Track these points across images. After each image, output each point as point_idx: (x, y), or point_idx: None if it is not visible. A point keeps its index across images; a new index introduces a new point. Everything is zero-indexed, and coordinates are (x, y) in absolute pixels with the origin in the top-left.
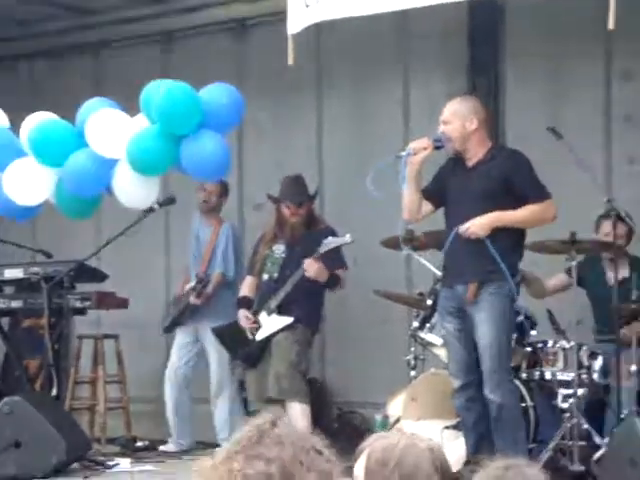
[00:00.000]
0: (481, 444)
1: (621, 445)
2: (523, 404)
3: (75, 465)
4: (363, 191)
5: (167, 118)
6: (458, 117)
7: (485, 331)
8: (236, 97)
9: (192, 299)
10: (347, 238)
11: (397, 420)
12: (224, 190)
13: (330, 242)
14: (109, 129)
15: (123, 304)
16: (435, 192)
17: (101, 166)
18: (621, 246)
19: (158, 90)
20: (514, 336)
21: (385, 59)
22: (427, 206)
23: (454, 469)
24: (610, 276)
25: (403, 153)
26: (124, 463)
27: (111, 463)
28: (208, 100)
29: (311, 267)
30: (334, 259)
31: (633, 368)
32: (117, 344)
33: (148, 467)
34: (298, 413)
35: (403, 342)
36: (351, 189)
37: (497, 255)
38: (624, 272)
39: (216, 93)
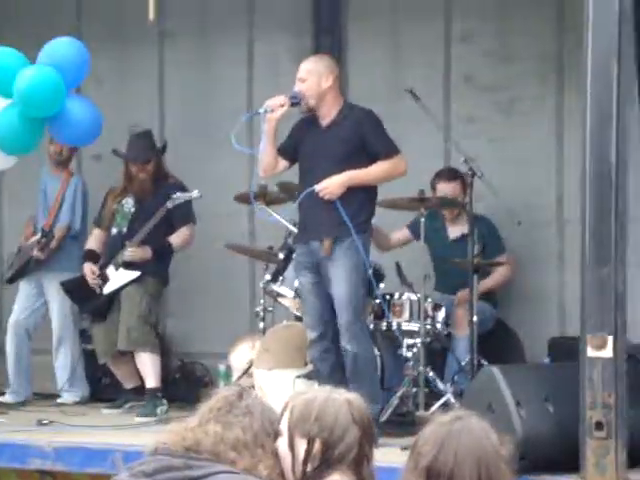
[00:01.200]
0: None
1: (480, 392)
2: None
3: None
4: (205, 146)
5: (31, 105)
6: (314, 74)
7: (340, 285)
8: (82, 50)
9: (36, 252)
10: (195, 193)
11: (247, 369)
12: None
13: (178, 197)
14: None
15: None
16: (290, 150)
17: None
18: (464, 204)
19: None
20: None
21: (231, 13)
22: (282, 163)
23: None
24: (450, 233)
25: (261, 110)
26: None
27: None
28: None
29: (133, 256)
30: (180, 215)
31: (474, 318)
32: None
33: None
34: (148, 364)
35: (245, 295)
36: (193, 144)
37: (346, 216)
38: (463, 229)
39: (62, 49)
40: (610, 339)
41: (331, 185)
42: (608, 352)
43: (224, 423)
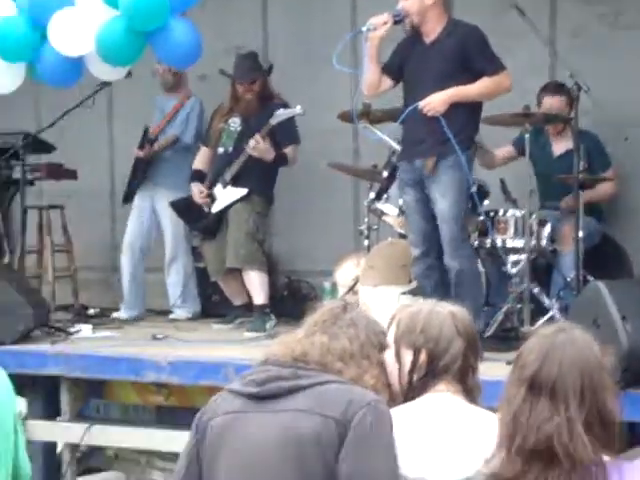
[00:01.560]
0: None
1: (585, 307)
2: None
3: (37, 332)
4: (309, 66)
5: (137, 16)
6: None
7: (444, 202)
8: None
9: (135, 150)
10: (298, 109)
11: (353, 286)
12: None
13: (281, 114)
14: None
15: (72, 175)
16: (394, 68)
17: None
18: (569, 118)
19: None
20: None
21: None
22: (386, 81)
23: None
24: (555, 149)
25: (364, 28)
26: (86, 330)
27: (73, 330)
28: None
29: (257, 147)
30: (285, 134)
31: (580, 234)
32: (62, 215)
33: (108, 333)
34: (256, 281)
35: (349, 213)
36: (297, 65)
37: (450, 132)
38: (568, 144)
39: None
40: None
41: (434, 101)
42: None
43: (330, 334)
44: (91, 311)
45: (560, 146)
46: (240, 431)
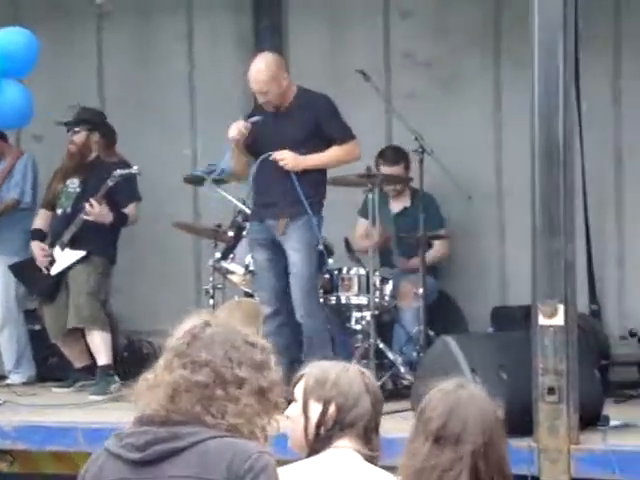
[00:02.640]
0: (292, 367)
1: (435, 361)
2: None
3: None
4: (147, 122)
5: None
6: (273, 84)
7: (296, 260)
8: (32, 40)
9: None
10: (134, 169)
11: None
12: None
13: (118, 174)
14: None
15: None
16: (254, 146)
17: None
18: (409, 179)
19: None
20: None
21: None
22: (249, 160)
23: None
24: (392, 207)
25: (232, 145)
26: None
27: None
28: (4, 46)
29: (92, 211)
30: (124, 192)
31: (420, 291)
32: None
33: None
34: (99, 341)
35: (190, 273)
36: (134, 123)
37: (302, 193)
38: (405, 203)
39: (11, 39)
40: (561, 307)
41: (289, 156)
42: (559, 320)
43: (182, 364)
44: None
45: (397, 204)
46: None
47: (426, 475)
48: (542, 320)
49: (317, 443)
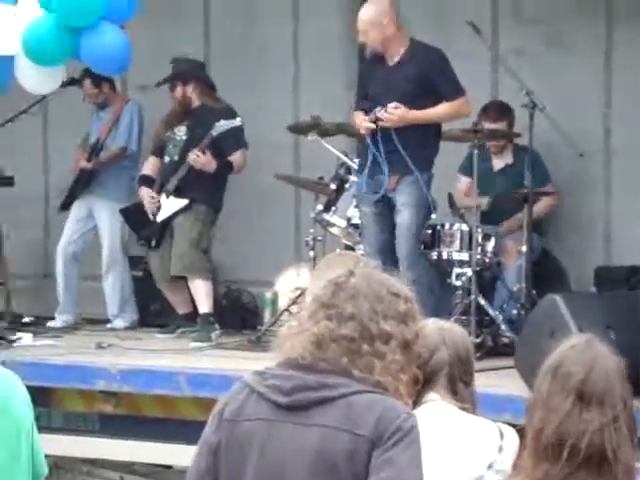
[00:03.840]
0: None
1: (542, 320)
2: None
3: None
4: (251, 74)
5: (68, 9)
6: (375, 27)
7: (405, 217)
8: None
9: (82, 162)
10: (237, 121)
11: (299, 296)
12: (105, 78)
13: (221, 125)
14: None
15: (9, 182)
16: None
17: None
18: (517, 134)
19: None
20: None
21: None
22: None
23: None
24: (494, 164)
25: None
26: (26, 338)
27: (14, 337)
28: None
29: (197, 160)
30: (230, 141)
31: (523, 249)
32: None
33: (50, 342)
34: (201, 289)
35: (290, 224)
36: (240, 73)
37: (412, 153)
38: (507, 160)
39: None
40: None
41: (397, 114)
42: None
43: (334, 315)
44: (25, 319)
45: (499, 162)
46: (271, 443)
47: (572, 431)
48: None
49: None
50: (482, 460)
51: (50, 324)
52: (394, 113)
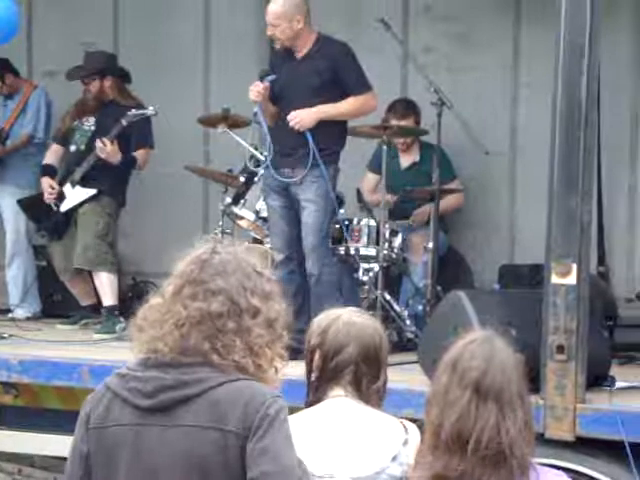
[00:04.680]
0: (299, 313)
1: (446, 315)
2: None
3: None
4: (161, 64)
5: None
6: (285, 19)
7: (310, 211)
8: None
9: None
10: (150, 110)
11: None
12: (6, 68)
13: (132, 114)
14: None
15: None
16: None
17: None
18: (425, 132)
19: None
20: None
21: None
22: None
23: None
24: (402, 161)
25: (255, 109)
26: None
27: None
28: None
29: (103, 149)
30: (139, 137)
31: (429, 245)
32: None
33: None
34: (106, 282)
35: (198, 216)
36: (149, 63)
37: (317, 146)
38: (414, 157)
39: None
40: (574, 267)
41: (303, 116)
42: (572, 279)
43: (193, 293)
44: None
45: (407, 159)
46: (140, 448)
47: (470, 426)
48: (555, 279)
49: (313, 393)
50: (386, 452)
51: None
52: (296, 119)
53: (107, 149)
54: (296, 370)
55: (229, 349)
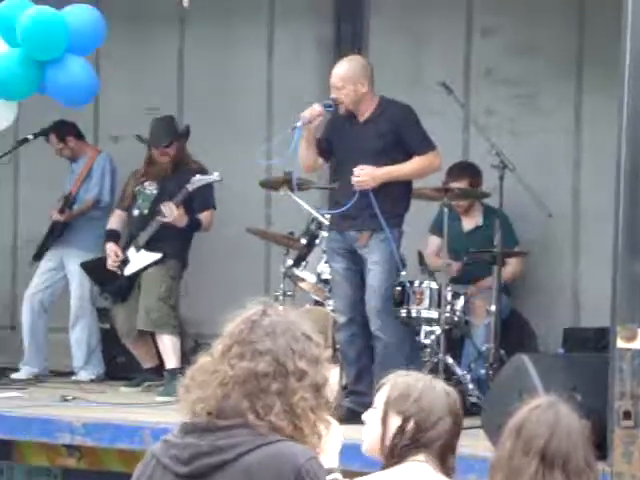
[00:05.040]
0: (360, 376)
1: (509, 379)
2: None
3: None
4: (224, 128)
5: (34, 43)
6: (349, 82)
7: (375, 272)
8: (98, 18)
9: (55, 215)
10: (215, 176)
11: None
12: (71, 132)
13: (198, 180)
14: None
15: None
16: (326, 146)
17: None
18: (486, 194)
19: (22, 12)
20: None
21: None
22: (318, 159)
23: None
24: (464, 224)
25: (298, 124)
26: None
27: None
28: (71, 21)
29: (170, 212)
30: (202, 200)
31: (492, 308)
32: None
33: (14, 394)
34: (168, 345)
35: (259, 279)
36: (212, 129)
37: (381, 209)
38: (477, 221)
39: (78, 14)
40: None
41: (367, 176)
42: (638, 344)
43: (241, 353)
44: None
45: (469, 222)
46: None
47: None
48: (620, 343)
49: (392, 456)
50: None
51: (14, 376)
52: (361, 175)
53: (174, 214)
54: (354, 433)
55: (267, 410)
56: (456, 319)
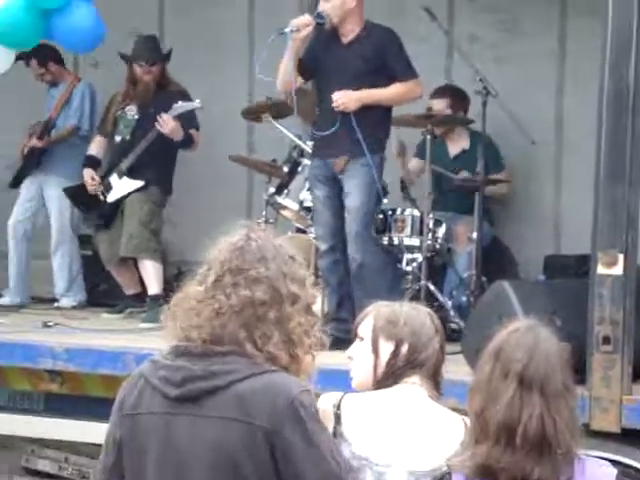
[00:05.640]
0: (342, 303)
1: (490, 304)
2: None
3: None
4: (204, 58)
5: None
6: None
7: (355, 196)
8: None
9: (33, 140)
10: (196, 103)
11: None
12: (52, 57)
13: (179, 107)
14: None
15: None
16: (308, 65)
17: None
18: (470, 121)
19: None
20: None
21: None
22: (299, 78)
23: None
24: (450, 149)
25: (287, 30)
26: None
27: None
28: None
29: (167, 124)
30: (187, 119)
31: (474, 235)
32: None
33: None
34: (150, 270)
35: (241, 206)
36: (193, 53)
37: (362, 134)
38: (463, 145)
39: None
40: (621, 257)
41: (347, 97)
42: (618, 269)
43: (235, 283)
44: None
45: (455, 147)
46: (169, 437)
47: (516, 417)
48: (601, 269)
49: (386, 380)
50: (445, 450)
51: None
52: (340, 99)
53: (171, 124)
54: (337, 359)
55: (265, 340)
56: (438, 246)
